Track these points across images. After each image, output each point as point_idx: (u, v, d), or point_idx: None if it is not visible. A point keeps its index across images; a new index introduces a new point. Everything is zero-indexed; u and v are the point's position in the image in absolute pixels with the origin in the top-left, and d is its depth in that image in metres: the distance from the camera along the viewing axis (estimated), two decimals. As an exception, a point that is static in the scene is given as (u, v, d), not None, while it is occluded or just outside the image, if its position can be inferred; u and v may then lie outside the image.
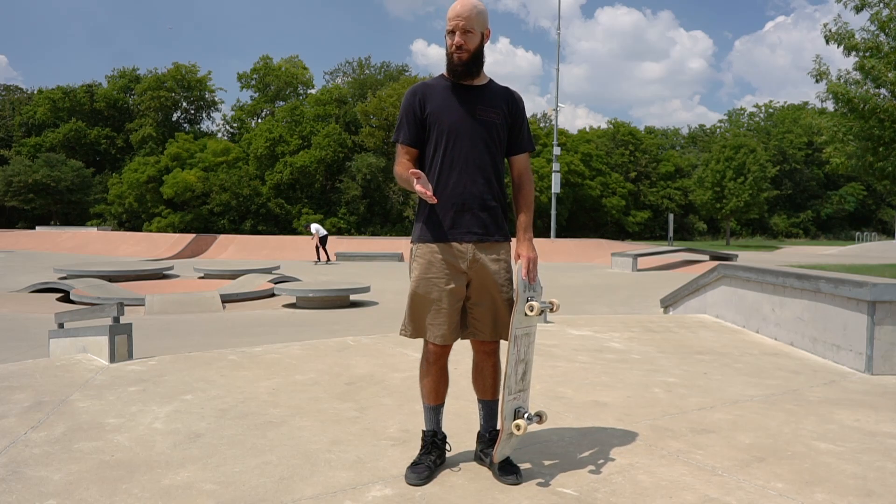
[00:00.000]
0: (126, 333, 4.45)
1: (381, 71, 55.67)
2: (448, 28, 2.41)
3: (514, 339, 2.40)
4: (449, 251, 2.44)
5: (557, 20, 39.88)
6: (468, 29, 2.39)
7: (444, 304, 2.43)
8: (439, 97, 2.47)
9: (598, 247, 25.38)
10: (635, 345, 5.24)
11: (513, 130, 2.56)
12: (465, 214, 2.44)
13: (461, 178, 2.43)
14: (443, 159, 2.44)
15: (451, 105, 2.45)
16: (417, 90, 2.51)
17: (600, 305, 11.12)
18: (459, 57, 2.41)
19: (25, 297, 13.19)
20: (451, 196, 2.43)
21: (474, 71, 2.46)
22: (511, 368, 2.40)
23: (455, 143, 2.43)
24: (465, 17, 2.38)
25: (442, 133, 2.44)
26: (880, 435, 3.01)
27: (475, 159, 2.44)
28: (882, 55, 11.74)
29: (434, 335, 2.46)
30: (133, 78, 53.00)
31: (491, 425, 2.59)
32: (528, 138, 2.60)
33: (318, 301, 11.32)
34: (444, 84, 2.50)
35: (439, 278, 2.43)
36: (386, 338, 5.40)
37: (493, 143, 2.47)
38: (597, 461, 2.62)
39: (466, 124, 2.44)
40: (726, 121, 66.42)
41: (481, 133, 2.45)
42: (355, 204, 43.83)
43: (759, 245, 41.30)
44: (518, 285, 2.42)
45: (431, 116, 2.46)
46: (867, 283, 4.26)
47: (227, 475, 2.48)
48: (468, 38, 2.40)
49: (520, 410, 2.45)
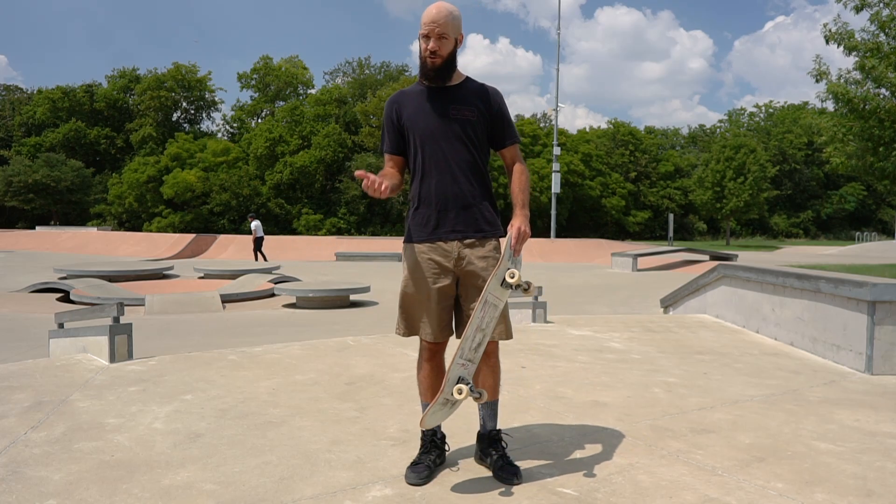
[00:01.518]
0: (126, 333, 4.45)
1: (381, 71, 55.72)
2: (423, 32, 2.44)
3: (484, 303, 2.35)
4: (435, 250, 2.49)
5: (557, 20, 39.94)
6: (443, 34, 2.42)
7: (432, 303, 2.49)
8: (413, 103, 2.53)
9: (598, 247, 25.39)
10: (635, 345, 5.24)
11: (494, 125, 2.57)
12: (449, 213, 2.49)
13: (442, 178, 2.48)
14: (423, 162, 2.50)
15: (424, 109, 2.50)
16: (394, 99, 2.59)
17: (600, 305, 11.12)
18: (433, 62, 2.45)
19: (25, 297, 13.18)
20: (434, 197, 2.49)
21: (446, 75, 2.50)
22: (471, 332, 2.34)
23: (432, 146, 2.48)
24: (441, 23, 2.41)
25: (417, 136, 2.50)
26: (880, 435, 3.01)
27: (453, 159, 2.48)
28: (882, 55, 11.73)
29: (425, 332, 2.52)
30: (133, 78, 52.99)
31: (492, 425, 2.58)
32: (512, 131, 2.60)
33: (318, 301, 11.33)
34: (418, 89, 2.56)
35: (427, 277, 2.49)
36: (386, 338, 5.41)
37: (469, 140, 2.50)
38: (597, 461, 2.62)
39: (440, 126, 2.48)
40: (726, 121, 66.45)
41: (457, 132, 2.48)
42: (355, 204, 43.85)
43: (759, 245, 41.31)
44: (504, 253, 2.37)
45: (408, 122, 2.52)
46: (867, 283, 4.26)
47: (227, 475, 2.49)
48: (442, 43, 2.43)
49: (462, 379, 2.38)
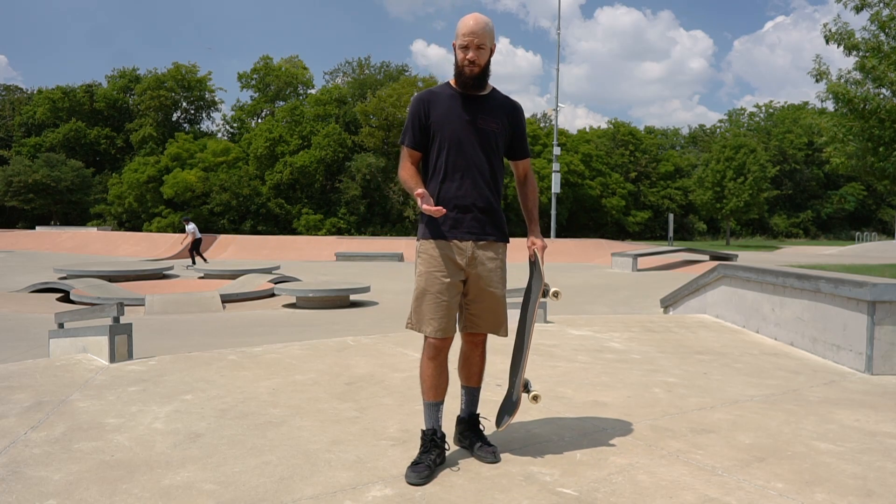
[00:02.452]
0: (126, 333, 4.45)
1: (381, 71, 55.67)
2: (461, 43, 2.54)
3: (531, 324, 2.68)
4: (450, 248, 2.59)
5: (557, 20, 39.92)
6: (481, 45, 2.54)
7: (444, 297, 2.56)
8: (444, 106, 2.61)
9: (598, 247, 25.38)
10: (635, 345, 5.24)
11: (514, 139, 2.74)
12: (467, 215, 2.59)
13: (463, 182, 2.58)
14: (446, 164, 2.59)
15: (454, 114, 2.59)
16: (424, 98, 2.66)
17: (600, 305, 11.12)
18: (471, 71, 2.55)
19: (25, 297, 13.18)
20: (454, 199, 2.59)
21: (483, 83, 2.61)
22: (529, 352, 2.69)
23: (457, 150, 2.58)
24: (480, 35, 2.53)
25: (445, 140, 2.59)
26: (880, 435, 3.01)
27: (476, 165, 2.59)
28: (882, 55, 11.72)
29: (434, 329, 2.56)
30: (133, 78, 52.93)
31: (472, 410, 2.77)
32: (526, 146, 2.82)
33: (318, 301, 11.33)
34: (448, 93, 2.64)
35: (441, 272, 2.57)
36: (386, 338, 5.40)
37: (491, 150, 2.63)
38: (597, 461, 2.62)
39: (468, 132, 2.58)
40: (726, 121, 66.38)
41: (481, 141, 2.60)
42: (355, 204, 43.83)
43: (759, 245, 41.30)
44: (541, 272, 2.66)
45: (435, 124, 2.61)
46: (867, 283, 4.26)
47: (227, 475, 2.49)
48: (480, 53, 2.54)
49: (528, 384, 2.71)
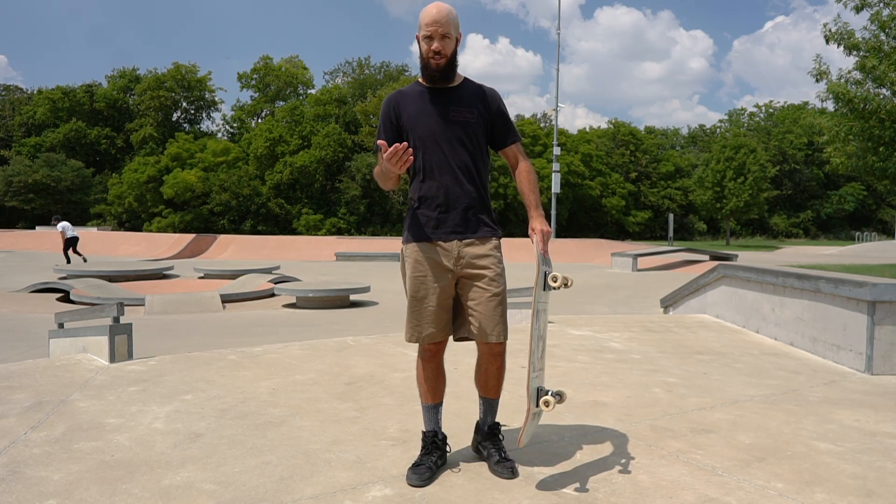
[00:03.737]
0: (126, 333, 4.45)
1: (381, 71, 55.72)
2: (424, 34, 2.42)
3: (536, 313, 2.40)
4: (434, 250, 2.49)
5: (557, 20, 39.92)
6: (445, 34, 2.41)
7: (432, 302, 2.46)
8: (413, 104, 2.51)
9: (598, 247, 25.36)
10: (635, 345, 5.24)
11: (495, 126, 2.58)
12: (450, 214, 2.48)
13: (442, 180, 2.47)
14: (423, 164, 2.49)
15: (424, 110, 2.48)
16: (392, 99, 2.56)
17: (600, 305, 11.12)
18: (437, 63, 2.43)
19: (25, 297, 13.18)
20: (435, 198, 2.48)
21: (451, 75, 2.49)
22: (534, 345, 2.40)
23: (433, 148, 2.47)
24: (444, 24, 2.40)
25: (419, 139, 2.48)
26: (880, 435, 3.01)
27: (454, 161, 2.47)
28: (883, 55, 11.71)
29: (425, 333, 2.48)
30: (133, 78, 52.94)
31: (489, 421, 2.61)
32: (513, 130, 2.61)
33: (317, 301, 11.32)
34: (417, 90, 2.53)
35: (427, 276, 2.48)
36: (386, 338, 5.40)
37: (470, 142, 2.49)
38: (597, 461, 2.62)
39: (441, 128, 2.46)
40: (726, 121, 66.41)
41: (457, 134, 2.47)
42: (355, 204, 43.82)
43: (759, 245, 41.29)
44: (538, 259, 2.44)
45: (407, 123, 2.50)
46: (867, 283, 4.26)
47: (227, 475, 2.49)
48: (445, 43, 2.42)
49: (541, 389, 2.44)
